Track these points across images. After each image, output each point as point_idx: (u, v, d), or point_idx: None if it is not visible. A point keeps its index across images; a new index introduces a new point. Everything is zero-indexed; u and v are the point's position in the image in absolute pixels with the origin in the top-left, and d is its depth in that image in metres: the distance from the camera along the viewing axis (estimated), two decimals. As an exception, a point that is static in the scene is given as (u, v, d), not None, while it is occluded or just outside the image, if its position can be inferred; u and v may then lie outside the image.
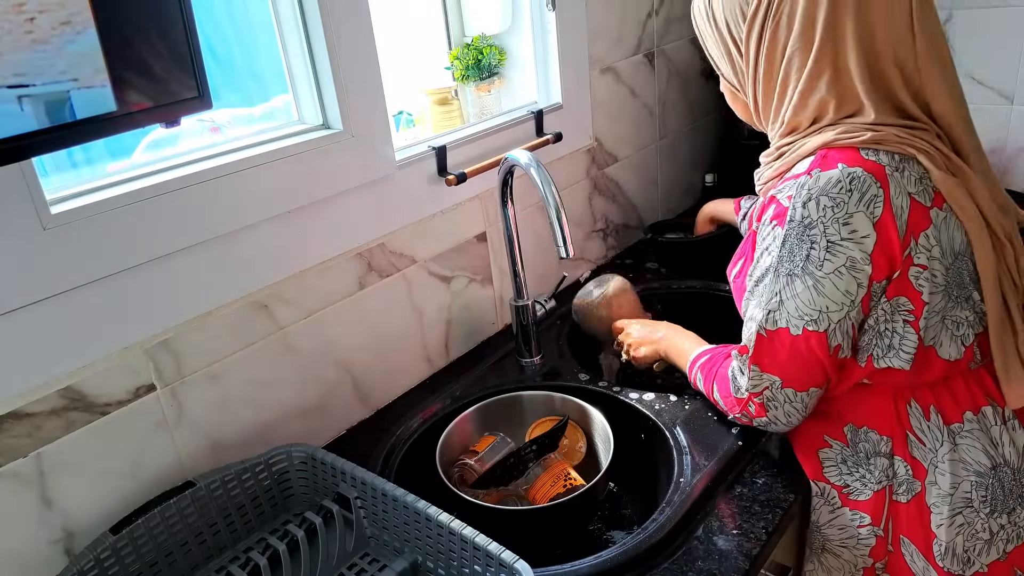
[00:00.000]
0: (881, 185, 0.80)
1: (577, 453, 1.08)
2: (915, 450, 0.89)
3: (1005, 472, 0.88)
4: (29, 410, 0.79)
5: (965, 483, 0.87)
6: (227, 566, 0.87)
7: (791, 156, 0.88)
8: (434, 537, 0.82)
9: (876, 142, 0.82)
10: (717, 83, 1.02)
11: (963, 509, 0.88)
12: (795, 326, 0.85)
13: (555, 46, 1.36)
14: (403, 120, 1.39)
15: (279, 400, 1.04)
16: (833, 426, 0.94)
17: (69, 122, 0.59)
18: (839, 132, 0.84)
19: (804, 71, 0.85)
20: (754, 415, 0.93)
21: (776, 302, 0.86)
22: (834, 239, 0.81)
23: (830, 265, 0.82)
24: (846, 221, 0.80)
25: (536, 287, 1.36)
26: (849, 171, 0.80)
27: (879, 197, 0.80)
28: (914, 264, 0.82)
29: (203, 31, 0.66)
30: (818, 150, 0.84)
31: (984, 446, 0.88)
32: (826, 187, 0.81)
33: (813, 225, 0.82)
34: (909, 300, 0.83)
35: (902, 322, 0.84)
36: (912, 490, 0.90)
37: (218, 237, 0.92)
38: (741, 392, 0.93)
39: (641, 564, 0.85)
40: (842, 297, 0.83)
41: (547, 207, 1.01)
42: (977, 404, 0.89)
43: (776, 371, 0.89)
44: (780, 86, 0.88)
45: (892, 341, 0.85)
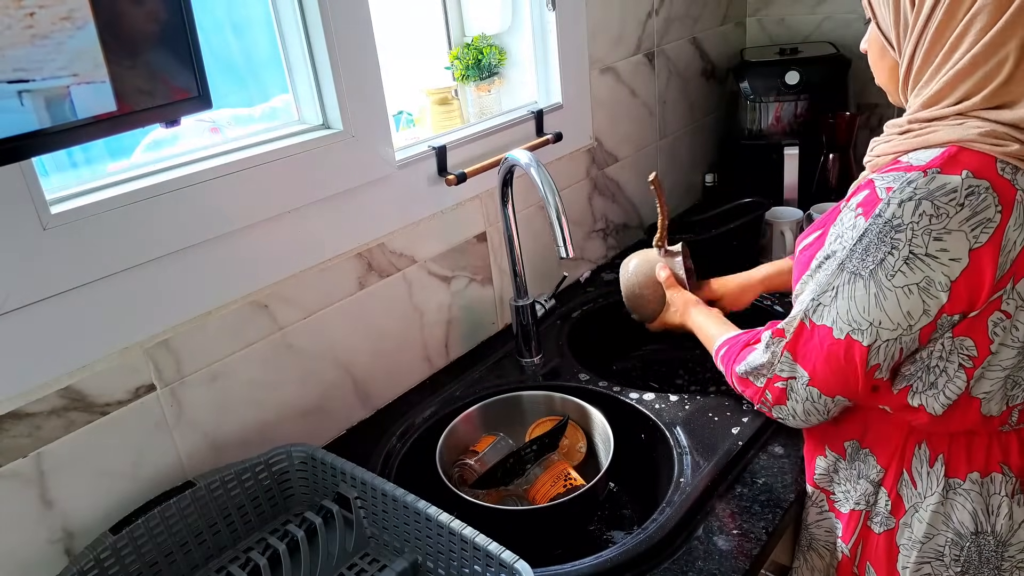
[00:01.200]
0: (1002, 211, 0.69)
1: (577, 453, 1.08)
2: (903, 488, 0.85)
3: (987, 541, 0.82)
4: (29, 410, 0.79)
5: (940, 537, 0.83)
6: (227, 566, 0.87)
7: (918, 138, 0.75)
8: (434, 537, 0.82)
9: (1020, 158, 0.70)
10: (717, 83, 1.00)
11: (932, 560, 0.84)
12: (839, 328, 0.77)
13: (555, 46, 1.36)
14: (403, 120, 1.39)
15: (279, 400, 1.04)
16: (837, 438, 0.91)
17: (69, 122, 0.59)
18: (983, 132, 0.71)
19: (988, 33, 0.70)
20: (772, 403, 0.87)
21: (829, 296, 0.78)
22: (918, 251, 0.71)
23: (902, 278, 0.72)
24: (939, 236, 0.70)
25: (536, 287, 1.36)
26: (972, 183, 0.69)
27: (993, 223, 0.69)
28: (1000, 309, 0.73)
29: (203, 31, 0.66)
30: (949, 144, 0.72)
31: (976, 510, 0.82)
32: (936, 192, 0.70)
33: (902, 228, 0.71)
34: (975, 345, 0.74)
35: (957, 365, 0.76)
36: (886, 524, 0.87)
37: (218, 237, 0.92)
38: (762, 376, 0.86)
39: (641, 564, 0.85)
40: (901, 317, 0.74)
41: (547, 207, 1.01)
42: (989, 468, 0.82)
43: (807, 366, 0.82)
44: (950, 46, 0.73)
45: (937, 381, 0.77)
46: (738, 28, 2.01)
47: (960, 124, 0.72)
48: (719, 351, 1.01)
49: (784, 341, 0.83)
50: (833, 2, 1.90)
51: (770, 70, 1.77)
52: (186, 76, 0.65)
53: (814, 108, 1.74)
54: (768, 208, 1.57)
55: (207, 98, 0.67)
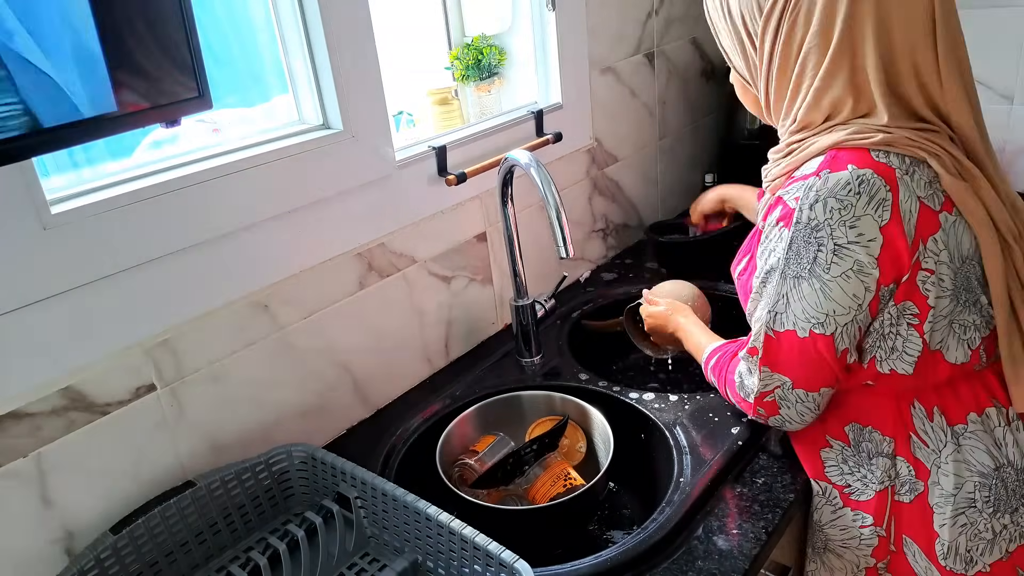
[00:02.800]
0: (890, 188, 0.79)
1: (577, 453, 1.08)
2: (918, 451, 0.89)
3: (1008, 472, 0.88)
4: (29, 410, 0.80)
5: (968, 483, 0.87)
6: (227, 566, 0.87)
7: (800, 154, 0.87)
8: (434, 537, 0.82)
9: (887, 144, 0.81)
10: (717, 83, 1.02)
11: (966, 509, 0.88)
12: (802, 328, 0.85)
13: (555, 46, 1.36)
14: (403, 120, 1.39)
15: (279, 400, 1.04)
16: (835, 425, 0.94)
17: (69, 122, 0.59)
18: (850, 132, 0.82)
19: (820, 69, 0.83)
20: (767, 416, 0.93)
21: (782, 304, 0.86)
22: (841, 242, 0.80)
23: (837, 268, 0.81)
24: (853, 224, 0.80)
25: (536, 287, 1.36)
26: (859, 173, 0.79)
27: (888, 200, 0.79)
28: (922, 268, 0.82)
29: (203, 31, 0.66)
30: (828, 150, 0.83)
31: (988, 447, 0.87)
32: (834, 189, 0.80)
33: (820, 227, 0.81)
34: (915, 304, 0.83)
35: (907, 326, 0.84)
36: (915, 490, 0.90)
37: (218, 237, 0.92)
38: (749, 394, 0.93)
39: (641, 564, 0.85)
40: (849, 301, 0.82)
41: (547, 207, 1.01)
42: (981, 405, 0.88)
43: (787, 372, 0.88)
44: (794, 83, 0.87)
45: (896, 344, 0.85)
46: (738, 28, 2.01)
47: (830, 132, 0.85)
48: (708, 361, 1.06)
49: (759, 358, 0.90)
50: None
51: (770, 70, 1.76)
52: (186, 76, 0.65)
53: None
54: (768, 208, 1.57)
55: (207, 98, 0.67)
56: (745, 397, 0.94)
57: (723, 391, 1.02)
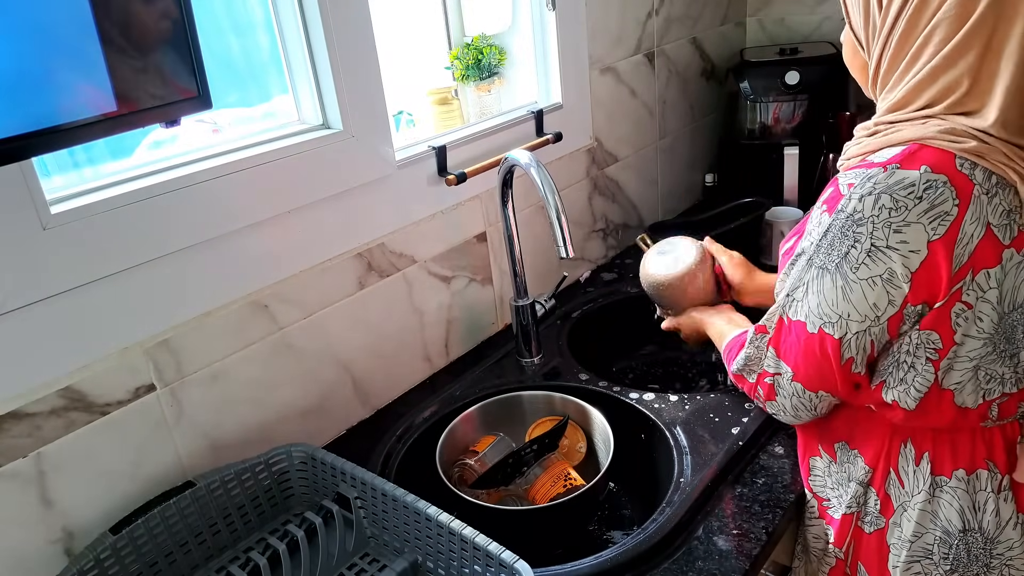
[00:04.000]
0: (959, 205, 0.70)
1: (577, 453, 1.08)
2: (891, 488, 0.85)
3: (975, 538, 0.82)
4: (29, 410, 0.79)
5: (929, 535, 0.83)
6: (227, 566, 0.87)
7: (883, 138, 0.77)
8: (434, 537, 0.82)
9: (978, 154, 0.71)
10: (717, 83, 1.00)
11: (922, 559, 0.84)
12: (812, 323, 0.79)
13: (555, 46, 1.36)
14: (403, 120, 1.39)
15: (279, 400, 1.04)
16: (827, 439, 0.91)
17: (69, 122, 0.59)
18: (942, 130, 0.72)
19: (948, 44, 0.72)
20: (764, 398, 0.88)
21: (801, 291, 0.80)
22: (879, 244, 0.72)
23: (866, 271, 0.74)
24: (899, 228, 0.71)
25: (536, 287, 1.36)
26: (930, 177, 0.70)
27: (950, 216, 0.70)
28: (960, 300, 0.73)
29: (203, 31, 0.66)
30: (910, 142, 0.74)
31: (963, 507, 0.82)
32: (894, 186, 0.71)
33: (862, 222, 0.73)
34: (940, 338, 0.75)
35: (924, 359, 0.76)
36: (876, 524, 0.87)
37: (218, 237, 0.92)
38: (752, 371, 0.89)
39: (641, 564, 0.85)
40: (868, 309, 0.75)
41: (547, 207, 1.01)
42: (974, 465, 0.82)
43: (790, 362, 0.83)
44: (912, 54, 0.75)
45: (906, 376, 0.78)
46: (738, 28, 2.01)
47: (922, 124, 0.74)
48: (727, 350, 1.01)
49: (767, 337, 0.86)
50: (833, 2, 1.90)
51: (770, 70, 1.77)
52: (186, 76, 0.65)
53: (814, 108, 1.74)
54: (768, 208, 1.58)
55: (207, 98, 0.67)
56: (747, 375, 0.90)
57: (729, 369, 0.96)
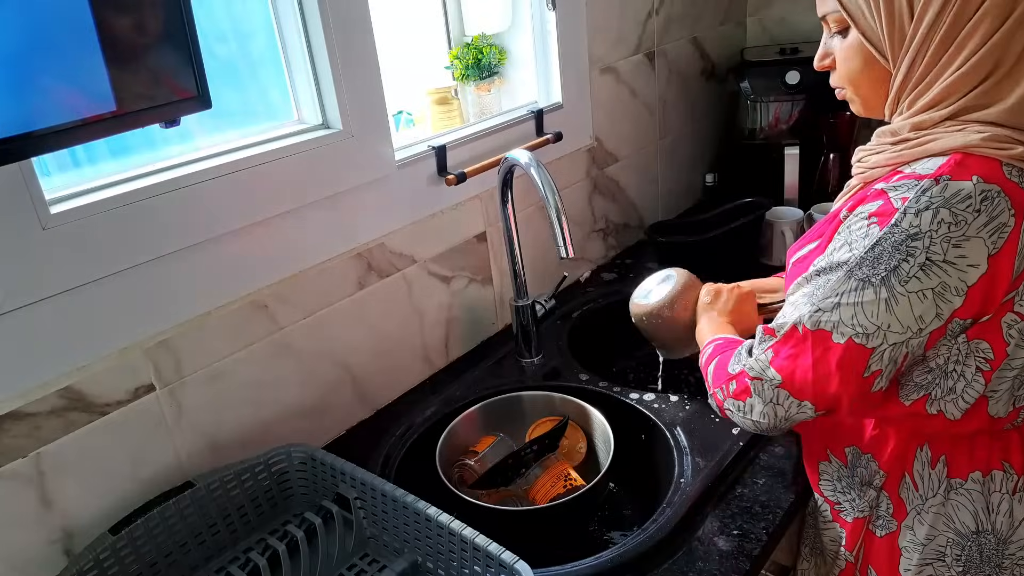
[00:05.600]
0: (1015, 214, 0.68)
1: (577, 453, 1.08)
2: (905, 491, 0.85)
3: (988, 539, 0.82)
4: (29, 410, 0.79)
5: (941, 538, 0.83)
6: (227, 566, 0.86)
7: (916, 148, 0.74)
8: (434, 537, 0.82)
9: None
10: (717, 83, 0.99)
11: (934, 562, 0.84)
12: (841, 333, 0.74)
13: (555, 46, 1.36)
14: (403, 120, 1.39)
15: (279, 400, 1.04)
16: (837, 443, 0.91)
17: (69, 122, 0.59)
18: (985, 137, 0.70)
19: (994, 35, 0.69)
20: (731, 394, 0.83)
21: (832, 303, 0.74)
22: (935, 258, 0.69)
23: (917, 284, 0.70)
24: (958, 243, 0.69)
25: (536, 287, 1.36)
26: (984, 188, 0.68)
27: (1007, 227, 0.68)
28: (1013, 311, 0.72)
29: (203, 31, 0.66)
30: (953, 151, 0.71)
31: (977, 509, 0.82)
32: (952, 200, 0.69)
33: (919, 237, 0.70)
34: (991, 348, 0.73)
35: (975, 368, 0.75)
36: (887, 528, 0.86)
37: (218, 237, 0.92)
38: (737, 366, 0.83)
39: (641, 565, 0.85)
40: (912, 321, 0.72)
41: (547, 207, 1.01)
42: (990, 467, 0.81)
43: (784, 370, 0.78)
44: (954, 51, 0.72)
45: (956, 386, 0.76)
46: (738, 28, 2.01)
47: (960, 130, 0.72)
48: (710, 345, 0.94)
49: (773, 341, 0.80)
50: (833, 2, 1.90)
51: (770, 70, 1.77)
52: (186, 76, 0.65)
53: (814, 108, 1.74)
54: (768, 208, 1.57)
55: (207, 98, 0.67)
56: (730, 368, 0.84)
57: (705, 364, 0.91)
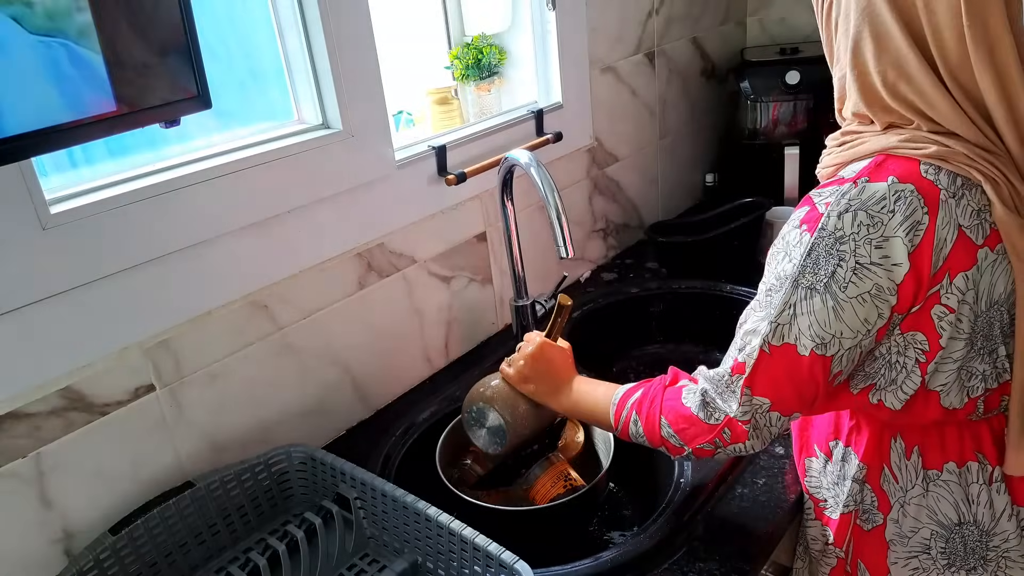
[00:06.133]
0: (928, 211, 0.71)
1: (575, 444, 1.07)
2: (886, 483, 0.85)
3: (971, 531, 0.83)
4: (29, 410, 0.79)
5: (925, 530, 0.84)
6: (227, 566, 0.86)
7: (850, 150, 0.79)
8: (434, 537, 0.82)
9: (941, 158, 0.72)
10: (717, 83, 1.00)
11: (919, 554, 0.85)
12: (804, 346, 0.76)
13: (555, 46, 1.36)
14: (403, 120, 1.39)
15: (279, 400, 1.04)
16: (822, 437, 0.91)
17: (69, 122, 0.59)
18: (904, 139, 0.74)
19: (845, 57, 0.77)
20: (730, 441, 0.81)
21: (788, 315, 0.76)
22: (863, 261, 0.72)
23: (854, 289, 0.73)
24: (879, 244, 0.72)
25: (536, 287, 1.36)
26: (897, 188, 0.71)
27: (923, 224, 0.71)
28: (940, 303, 0.73)
29: (203, 31, 0.66)
30: (876, 154, 0.75)
31: (957, 501, 0.82)
32: (867, 201, 0.72)
33: (845, 240, 0.73)
34: (926, 340, 0.75)
35: (914, 360, 0.76)
36: (874, 521, 0.87)
37: (218, 237, 0.92)
38: (719, 416, 0.80)
39: (641, 564, 0.85)
40: (860, 325, 0.74)
41: (547, 207, 1.01)
42: (964, 457, 0.82)
43: (768, 393, 0.78)
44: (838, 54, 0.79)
45: (897, 377, 0.78)
46: (738, 28, 2.01)
47: (883, 134, 0.76)
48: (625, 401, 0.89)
49: (743, 377, 0.78)
50: (833, 2, 1.90)
51: (770, 70, 1.77)
52: (186, 76, 0.65)
53: (814, 108, 1.74)
54: (768, 208, 1.57)
55: (207, 98, 0.67)
56: (707, 420, 0.81)
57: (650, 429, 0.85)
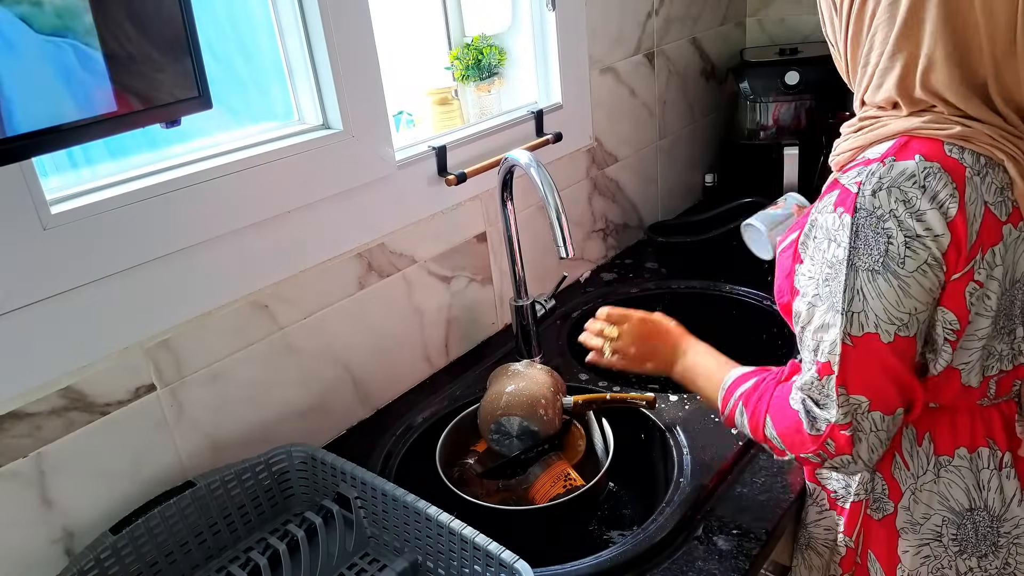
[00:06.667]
0: (957, 188, 0.72)
1: (576, 451, 1.07)
2: (897, 471, 0.86)
3: (982, 516, 0.83)
4: (29, 410, 0.79)
5: (937, 516, 0.84)
6: (227, 566, 0.87)
7: (872, 133, 0.78)
8: (434, 537, 0.82)
9: (964, 138, 0.73)
10: (717, 83, 1.00)
11: (931, 542, 0.85)
12: (886, 332, 0.73)
13: (555, 46, 1.36)
14: (403, 120, 1.39)
15: (279, 400, 1.04)
16: None
17: (69, 122, 0.59)
18: (926, 120, 0.75)
19: (885, 47, 0.76)
20: (835, 453, 0.76)
21: (859, 302, 0.73)
22: (910, 234, 0.72)
23: (912, 263, 0.72)
24: (920, 217, 0.72)
25: (536, 287, 1.36)
26: (926, 165, 0.72)
27: (954, 198, 0.72)
28: (973, 280, 0.74)
29: (203, 31, 0.66)
30: (899, 135, 0.75)
31: (968, 486, 0.83)
32: (898, 179, 0.72)
33: (886, 217, 0.72)
34: (956, 317, 0.75)
35: (943, 339, 0.77)
36: (884, 510, 0.87)
37: (218, 237, 0.92)
38: (820, 426, 0.76)
39: (641, 564, 0.85)
40: (927, 296, 0.73)
41: (547, 207, 1.01)
42: (975, 443, 0.83)
43: (863, 391, 0.74)
44: (864, 57, 0.79)
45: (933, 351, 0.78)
46: (738, 28, 2.01)
47: (905, 117, 0.77)
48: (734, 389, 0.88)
49: (834, 377, 0.75)
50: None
51: (770, 70, 1.77)
52: (186, 76, 0.65)
53: (814, 108, 1.74)
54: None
55: (207, 98, 0.67)
56: (810, 430, 0.77)
57: (755, 426, 0.84)
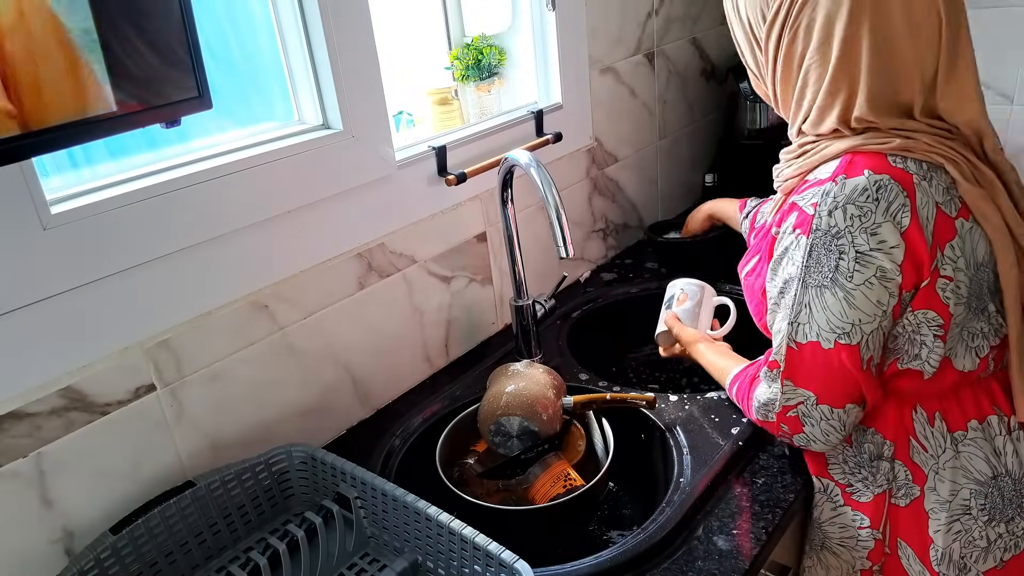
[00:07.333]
0: (908, 194, 0.78)
1: (576, 451, 1.07)
2: (916, 455, 0.89)
3: (1006, 482, 0.87)
4: (29, 410, 0.79)
5: (964, 491, 0.87)
6: (227, 566, 0.87)
7: (815, 156, 0.85)
8: (434, 537, 0.82)
9: (904, 149, 0.80)
10: (717, 83, 1.01)
11: (961, 516, 0.87)
12: (826, 339, 0.83)
13: (555, 46, 1.36)
14: (403, 120, 1.39)
15: (279, 400, 1.04)
16: None
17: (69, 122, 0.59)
18: (867, 137, 0.81)
19: (821, 86, 0.83)
20: (791, 433, 0.90)
21: (805, 314, 0.83)
22: (862, 249, 0.79)
23: (860, 276, 0.80)
24: (874, 231, 0.78)
25: (536, 287, 1.36)
26: (876, 178, 0.78)
27: (906, 207, 0.78)
28: (941, 276, 0.81)
29: (203, 31, 0.66)
30: (844, 154, 0.82)
31: (986, 455, 0.87)
32: (852, 195, 0.78)
33: (840, 235, 0.79)
34: (937, 314, 0.82)
35: (932, 336, 0.83)
36: (911, 495, 0.89)
37: (219, 237, 0.92)
38: (771, 411, 0.91)
39: (641, 564, 0.85)
40: (874, 308, 0.81)
41: (547, 207, 1.01)
42: (983, 413, 0.88)
43: (810, 386, 0.86)
44: (797, 94, 0.86)
45: (920, 352, 0.84)
46: (738, 28, 2.01)
47: (845, 138, 0.83)
48: (732, 386, 1.04)
49: (780, 371, 0.88)
50: (833, 2, 1.90)
51: (770, 70, 1.77)
52: (186, 77, 0.65)
53: (814, 108, 1.74)
54: (768, 208, 1.57)
55: (207, 98, 0.67)
56: (766, 416, 0.92)
57: (748, 414, 0.99)
